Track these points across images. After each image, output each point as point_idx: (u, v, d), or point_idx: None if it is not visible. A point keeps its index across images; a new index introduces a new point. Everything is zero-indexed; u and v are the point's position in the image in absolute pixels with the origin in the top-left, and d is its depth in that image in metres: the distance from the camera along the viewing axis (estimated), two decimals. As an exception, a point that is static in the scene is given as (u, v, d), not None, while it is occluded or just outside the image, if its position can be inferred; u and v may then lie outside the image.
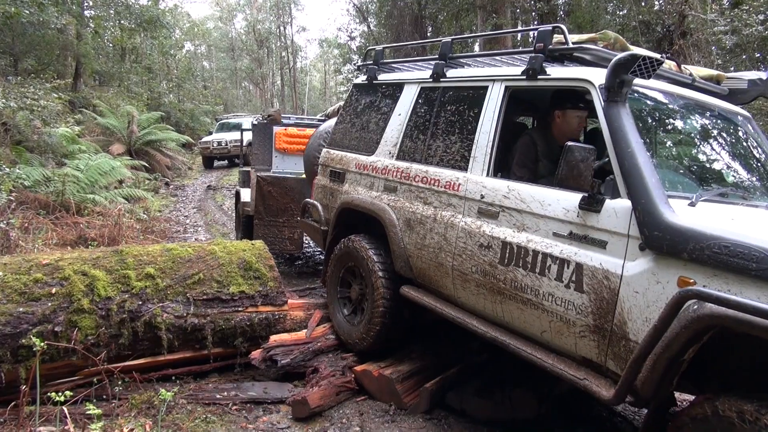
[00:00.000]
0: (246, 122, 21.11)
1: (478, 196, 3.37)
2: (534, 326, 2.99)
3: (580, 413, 3.93)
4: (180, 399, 3.82)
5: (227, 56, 46.52)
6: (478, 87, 3.66)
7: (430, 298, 3.73)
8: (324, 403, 3.78)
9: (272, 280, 4.55)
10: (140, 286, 4.06)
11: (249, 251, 4.65)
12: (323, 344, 4.38)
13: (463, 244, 3.39)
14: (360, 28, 28.21)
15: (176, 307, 4.11)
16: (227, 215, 12.28)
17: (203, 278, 4.29)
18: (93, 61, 20.79)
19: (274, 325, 4.46)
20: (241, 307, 4.33)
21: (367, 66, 4.90)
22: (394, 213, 4.01)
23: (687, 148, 3.27)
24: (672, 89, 3.24)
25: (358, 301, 4.36)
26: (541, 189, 3.03)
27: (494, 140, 3.41)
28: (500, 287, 3.14)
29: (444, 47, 4.03)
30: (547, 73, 3.19)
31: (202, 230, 10.52)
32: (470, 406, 3.70)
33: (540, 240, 2.92)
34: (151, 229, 9.35)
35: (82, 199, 9.19)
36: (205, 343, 4.19)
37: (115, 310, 3.90)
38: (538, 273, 2.90)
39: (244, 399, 3.93)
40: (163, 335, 4.02)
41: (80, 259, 4.08)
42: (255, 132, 7.79)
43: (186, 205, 13.52)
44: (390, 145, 4.27)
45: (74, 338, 3.71)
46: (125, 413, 3.59)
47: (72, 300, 3.80)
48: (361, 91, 4.96)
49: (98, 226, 8.14)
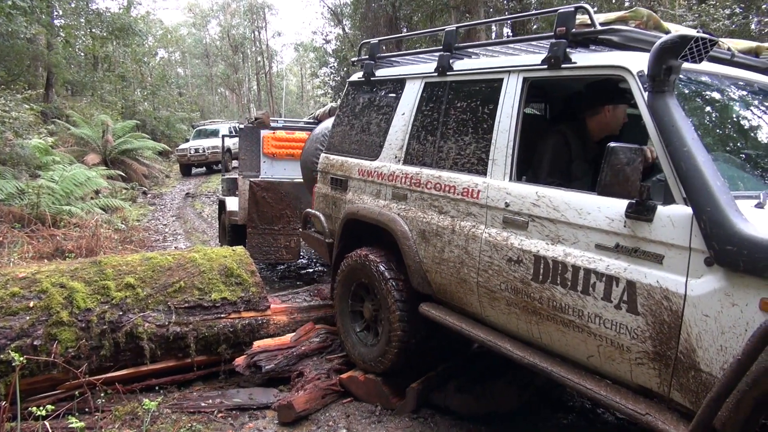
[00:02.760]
0: (223, 128, 21.07)
1: (501, 204, 3.00)
2: (579, 351, 2.66)
3: (561, 401, 3.99)
4: (164, 409, 3.78)
5: (202, 62, 46.19)
6: (491, 80, 3.28)
7: (453, 318, 3.37)
8: (310, 406, 3.77)
9: (254, 285, 4.54)
10: (120, 296, 4.02)
11: (230, 257, 4.63)
12: (307, 348, 4.38)
13: (488, 258, 3.05)
14: (335, 30, 28.22)
15: (158, 316, 4.08)
16: (207, 222, 12.19)
17: (184, 286, 4.25)
18: (65, 71, 20.51)
19: (258, 331, 4.44)
20: (224, 313, 4.31)
21: (362, 61, 4.48)
22: (406, 224, 3.65)
23: (739, 136, 2.89)
24: (713, 68, 2.85)
25: (372, 320, 4.02)
26: (578, 195, 2.66)
27: (515, 140, 3.04)
28: (536, 307, 2.79)
29: (449, 36, 3.62)
30: (573, 60, 2.79)
31: (181, 238, 10.43)
32: (453, 403, 3.73)
33: (580, 254, 2.57)
34: (129, 239, 9.25)
35: (58, 210, 9.06)
36: (188, 352, 4.16)
37: (95, 321, 3.86)
38: (580, 292, 2.55)
39: (230, 406, 3.90)
40: (145, 345, 3.98)
41: (58, 272, 4.03)
42: (242, 136, 7.51)
43: (165, 214, 13.39)
44: (395, 149, 3.90)
45: (54, 351, 3.66)
46: (109, 425, 3.55)
47: (51, 313, 3.74)
48: (358, 89, 4.56)
49: (75, 237, 8.04)
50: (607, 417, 3.91)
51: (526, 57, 3.18)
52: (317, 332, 4.53)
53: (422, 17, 18.97)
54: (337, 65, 27.71)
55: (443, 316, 3.41)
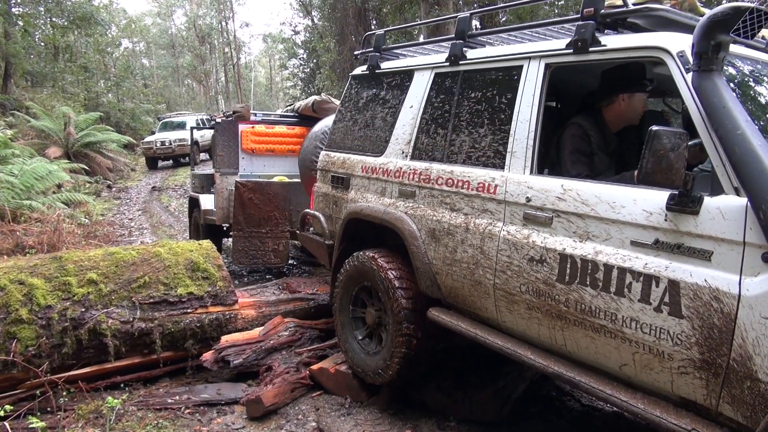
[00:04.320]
0: (190, 120, 20.70)
1: (522, 199, 2.79)
2: (610, 359, 2.44)
3: (542, 415, 3.85)
4: (129, 406, 3.72)
5: (168, 53, 45.27)
6: (509, 68, 3.08)
7: (465, 323, 3.14)
8: (279, 400, 3.75)
9: (221, 279, 4.49)
10: (82, 292, 3.93)
11: (196, 251, 4.56)
12: (276, 342, 4.35)
13: (506, 258, 2.83)
14: (304, 22, 27.95)
15: (122, 313, 4.00)
16: (174, 216, 12.00)
17: (149, 281, 4.18)
18: (24, 61, 19.85)
19: (226, 325, 4.39)
20: (190, 308, 4.25)
21: (367, 54, 4.26)
22: (414, 223, 3.43)
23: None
24: (748, 52, 2.63)
25: (375, 326, 3.79)
26: (610, 187, 2.47)
27: (536, 130, 2.85)
28: (561, 310, 2.58)
29: (462, 23, 3.42)
30: (602, 43, 2.60)
31: (147, 233, 10.25)
32: (429, 399, 3.72)
33: (613, 251, 2.37)
34: (93, 234, 9.04)
35: (18, 205, 8.79)
36: (154, 348, 4.09)
37: (57, 318, 3.77)
38: (614, 293, 2.34)
39: (197, 402, 3.86)
40: (109, 342, 3.90)
41: (16, 268, 3.92)
42: (218, 131, 7.15)
43: (130, 208, 13.13)
44: (402, 144, 3.69)
45: (13, 350, 3.56)
46: (72, 424, 3.48)
47: (9, 310, 3.64)
48: (362, 82, 4.34)
49: (36, 233, 7.81)
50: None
51: (548, 43, 3.01)
52: (286, 326, 4.51)
53: (391, 9, 18.93)
54: (306, 57, 27.51)
55: (455, 322, 3.18)
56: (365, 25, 20.15)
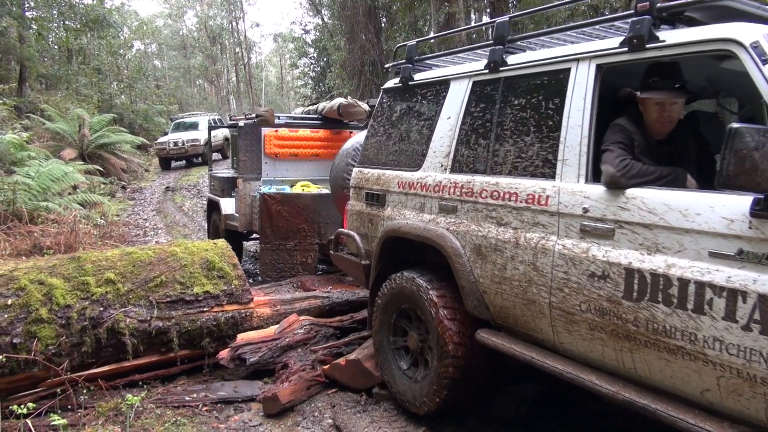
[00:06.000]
0: (202, 121, 20.82)
1: (578, 210, 2.60)
2: (689, 383, 2.23)
3: (561, 413, 3.76)
4: (148, 404, 3.77)
5: (179, 54, 45.51)
6: (556, 71, 2.91)
7: (519, 346, 2.93)
8: (295, 398, 3.78)
9: (236, 278, 4.52)
10: (100, 292, 3.98)
11: (211, 251, 4.60)
12: (292, 340, 4.38)
13: (563, 274, 2.63)
14: (314, 20, 27.98)
15: (139, 312, 4.05)
16: (188, 216, 12.10)
17: (165, 280, 4.23)
18: (38, 64, 20.09)
19: (241, 324, 4.43)
20: (206, 307, 4.29)
21: (399, 66, 4.11)
22: (457, 239, 3.24)
23: None
24: None
25: (419, 352, 3.54)
26: (681, 193, 2.28)
27: (590, 136, 2.65)
28: (629, 330, 2.37)
29: (500, 28, 3.26)
30: (661, 39, 2.42)
31: (162, 232, 10.34)
32: None
33: (688, 264, 2.16)
34: (109, 234, 9.15)
35: (35, 206, 8.91)
36: (171, 346, 4.14)
37: (76, 317, 3.82)
38: (691, 310, 2.14)
39: (214, 399, 3.90)
40: (127, 341, 3.96)
41: (36, 268, 3.98)
42: (241, 135, 6.96)
43: (145, 208, 13.25)
44: (440, 156, 3.51)
45: (34, 349, 3.62)
46: (92, 422, 3.53)
47: (29, 310, 3.70)
48: (394, 96, 4.19)
49: (53, 233, 7.92)
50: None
51: (597, 42, 2.84)
52: (301, 324, 4.53)
53: (401, 6, 18.89)
54: (317, 55, 27.54)
55: (507, 345, 2.95)
56: (375, 23, 20.14)
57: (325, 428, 3.55)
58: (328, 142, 7.40)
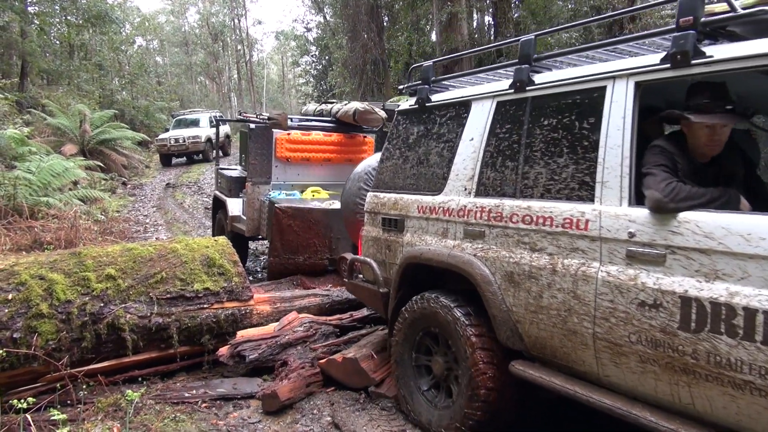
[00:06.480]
0: (203, 118, 20.83)
1: (623, 234, 2.46)
2: (758, 421, 2.08)
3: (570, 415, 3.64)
4: (147, 400, 3.78)
5: (181, 51, 45.54)
6: (590, 89, 2.78)
7: (559, 379, 2.77)
8: (294, 395, 3.79)
9: (237, 275, 4.53)
10: (101, 287, 3.99)
11: (212, 248, 4.61)
12: (291, 337, 4.39)
13: (608, 303, 2.48)
14: (316, 19, 28.00)
15: (139, 308, 4.06)
16: (188, 213, 12.11)
17: (166, 277, 4.23)
18: (40, 60, 20.08)
19: (241, 321, 4.44)
20: (206, 304, 4.30)
21: (415, 87, 3.96)
22: (486, 266, 3.09)
23: None
24: None
25: (444, 377, 3.40)
26: (741, 216, 2.16)
27: (631, 157, 2.52)
28: (687, 363, 2.22)
29: (526, 47, 3.13)
30: (707, 54, 2.28)
31: (162, 229, 10.35)
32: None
33: (754, 292, 2.02)
34: (109, 230, 9.17)
35: (36, 202, 8.93)
36: (171, 342, 4.15)
37: (76, 313, 3.83)
38: (760, 342, 1.99)
39: (214, 396, 3.91)
40: (127, 336, 3.97)
41: (36, 263, 3.99)
42: (252, 137, 6.81)
43: (145, 204, 13.26)
44: (464, 180, 3.37)
45: (34, 344, 3.63)
46: (91, 417, 3.53)
47: (30, 305, 3.71)
48: (410, 118, 4.02)
49: (54, 229, 7.94)
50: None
51: (635, 59, 2.70)
52: (301, 321, 4.54)
53: (403, 5, 18.90)
54: (319, 54, 27.55)
55: (546, 378, 2.80)
56: (377, 22, 20.12)
57: (324, 426, 3.56)
58: (341, 147, 7.25)
